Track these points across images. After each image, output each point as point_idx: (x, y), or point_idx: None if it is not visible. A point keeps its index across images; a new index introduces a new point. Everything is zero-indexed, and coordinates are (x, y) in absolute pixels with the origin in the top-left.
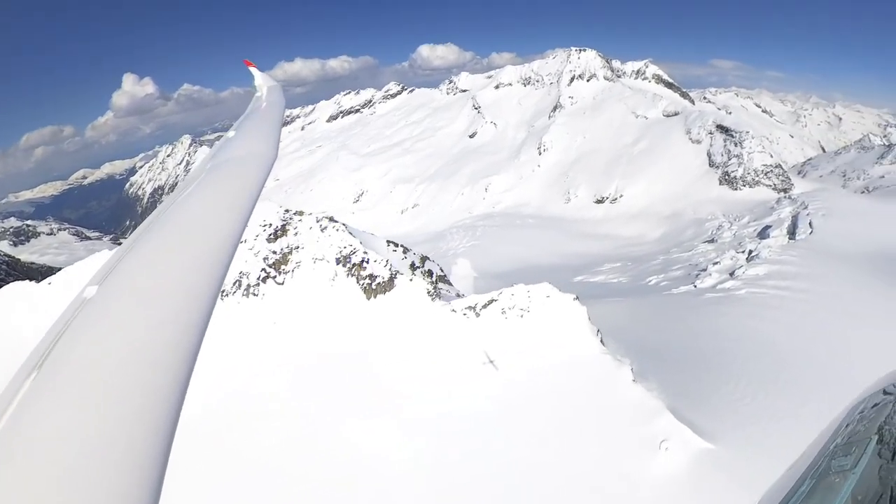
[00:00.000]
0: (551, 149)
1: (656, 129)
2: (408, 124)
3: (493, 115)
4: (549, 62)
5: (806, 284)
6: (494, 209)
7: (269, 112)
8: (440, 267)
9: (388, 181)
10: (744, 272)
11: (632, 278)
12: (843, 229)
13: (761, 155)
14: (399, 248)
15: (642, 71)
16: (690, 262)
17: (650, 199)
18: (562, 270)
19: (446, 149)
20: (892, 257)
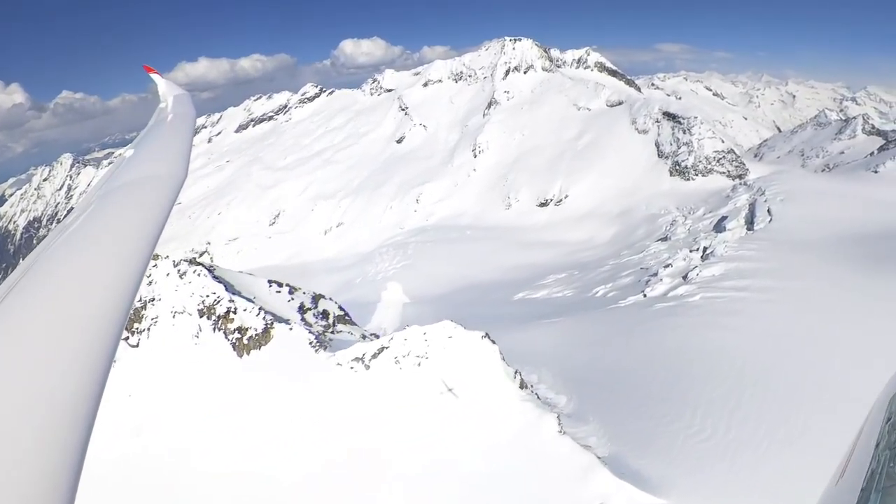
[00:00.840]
0: (487, 150)
1: (600, 121)
2: (328, 131)
3: (422, 116)
4: (482, 54)
5: (768, 281)
6: (428, 222)
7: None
8: (338, 306)
9: (307, 198)
10: (698, 274)
11: (578, 290)
12: (805, 213)
13: (712, 141)
14: (284, 288)
15: (584, 59)
16: (641, 266)
17: (598, 198)
18: (502, 287)
19: (372, 157)
20: (859, 239)
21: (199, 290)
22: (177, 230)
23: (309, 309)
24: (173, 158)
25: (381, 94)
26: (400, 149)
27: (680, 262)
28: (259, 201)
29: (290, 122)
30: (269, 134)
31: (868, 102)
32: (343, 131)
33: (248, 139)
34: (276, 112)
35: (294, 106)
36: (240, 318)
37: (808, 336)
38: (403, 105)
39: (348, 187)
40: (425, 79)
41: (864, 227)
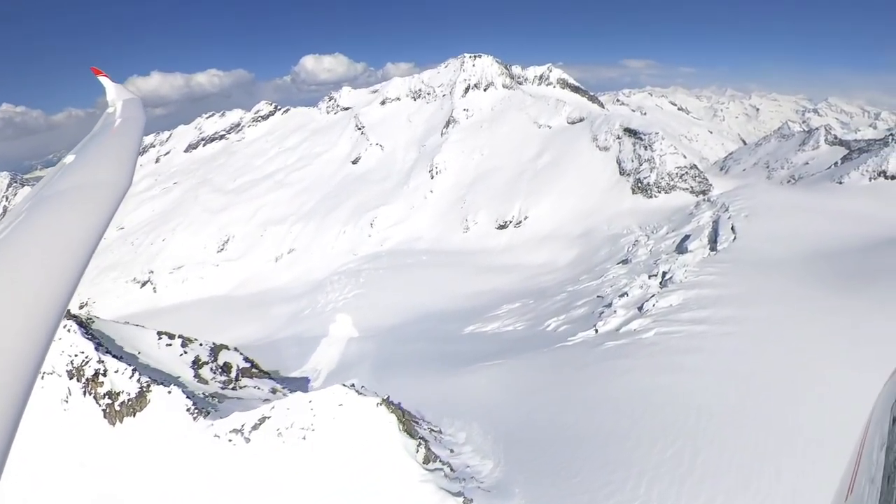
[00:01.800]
0: (445, 170)
1: (561, 139)
2: (281, 151)
3: (379, 135)
4: (442, 72)
5: (730, 310)
6: (382, 247)
7: (123, 131)
8: (244, 357)
9: (258, 223)
10: (654, 305)
11: (530, 323)
12: (771, 230)
13: (674, 157)
14: (176, 340)
15: (546, 76)
16: (598, 294)
17: (559, 219)
18: (455, 318)
19: (326, 179)
20: (827, 255)
21: (68, 349)
22: (118, 258)
23: (205, 363)
24: (117, 165)
25: (337, 112)
26: (355, 170)
27: (636, 291)
28: (207, 226)
29: (242, 141)
30: (220, 154)
31: (829, 114)
32: (297, 152)
33: (198, 159)
34: (229, 131)
35: (247, 124)
36: (110, 380)
37: (773, 373)
38: (360, 124)
39: (300, 211)
40: (383, 97)
41: (832, 242)
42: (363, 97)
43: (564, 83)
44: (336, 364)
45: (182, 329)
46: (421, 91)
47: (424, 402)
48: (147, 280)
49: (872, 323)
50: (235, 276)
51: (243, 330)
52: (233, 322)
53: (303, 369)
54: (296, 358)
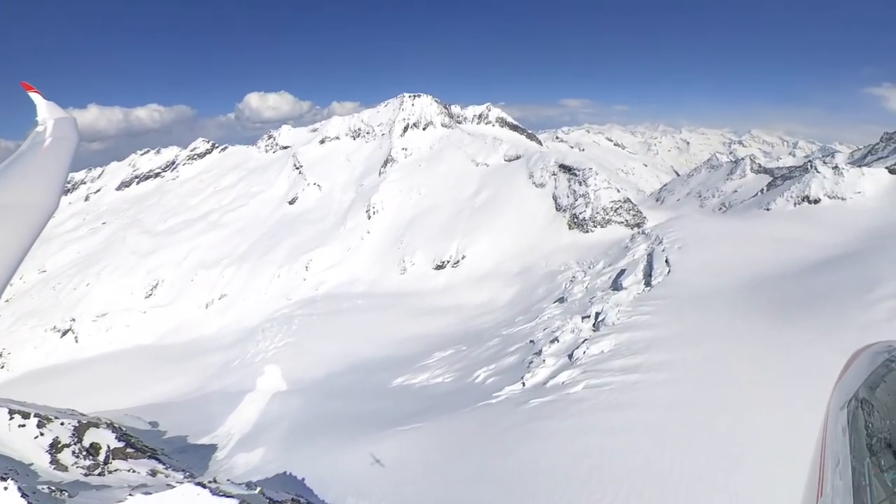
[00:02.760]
0: (382, 210)
1: (498, 176)
2: (217, 191)
3: (317, 175)
4: (381, 111)
5: (664, 354)
6: (318, 292)
7: (53, 151)
8: (118, 435)
9: (188, 266)
10: (584, 352)
11: (459, 374)
12: (705, 260)
13: (608, 191)
14: (32, 420)
15: (485, 115)
16: (530, 339)
17: (496, 257)
18: (388, 367)
19: (261, 220)
20: (760, 283)
21: None
22: (38, 304)
23: (66, 446)
24: (43, 186)
25: (276, 151)
26: (292, 210)
27: (568, 336)
28: (134, 270)
29: (177, 180)
30: (153, 193)
31: (753, 144)
32: (233, 191)
33: (130, 198)
34: (164, 169)
35: (182, 162)
36: None
37: (711, 428)
38: (298, 163)
39: (234, 254)
40: (322, 136)
41: (764, 269)
42: (302, 136)
43: (503, 122)
44: (252, 425)
45: (104, 383)
46: (360, 130)
47: (331, 475)
48: (68, 328)
49: (813, 356)
50: (164, 324)
51: (168, 384)
52: (158, 375)
53: (215, 434)
54: (216, 417)
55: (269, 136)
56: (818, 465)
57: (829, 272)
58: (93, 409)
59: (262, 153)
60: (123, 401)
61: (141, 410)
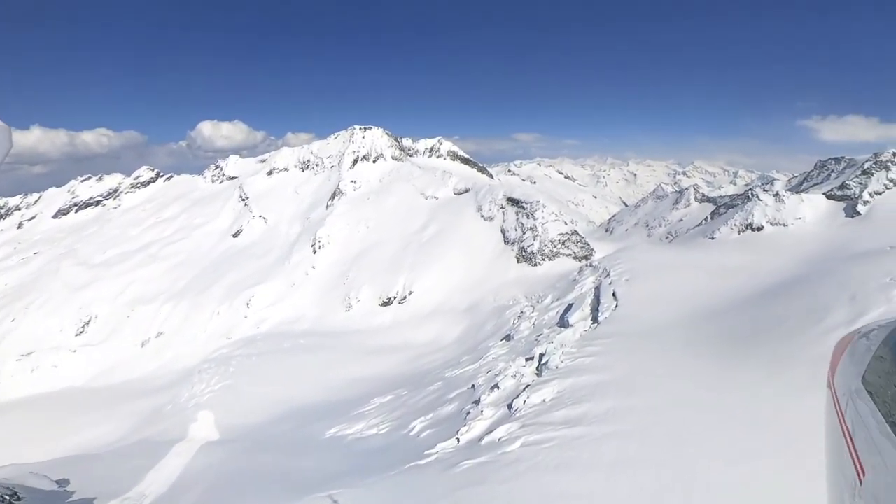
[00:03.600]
0: (328, 244)
1: (447, 210)
2: (159, 222)
3: (263, 207)
4: (332, 143)
5: (611, 402)
6: (259, 330)
7: None
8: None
9: (125, 302)
10: (525, 401)
11: (395, 424)
12: (653, 292)
13: (555, 223)
14: None
15: (436, 148)
16: (472, 384)
17: (445, 292)
18: (324, 414)
19: (204, 253)
20: (709, 315)
21: None
22: None
23: None
24: None
25: (223, 181)
26: (236, 244)
27: (509, 381)
28: (66, 305)
29: (118, 208)
30: (93, 222)
31: (696, 174)
32: (175, 222)
33: (67, 227)
34: (106, 196)
35: (125, 191)
36: None
37: (663, 492)
38: (244, 195)
39: (173, 289)
40: (271, 167)
41: (711, 299)
42: (251, 166)
43: (454, 155)
44: (171, 484)
45: (24, 431)
46: (310, 162)
47: None
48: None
49: (768, 398)
50: (95, 364)
51: (94, 432)
52: (85, 422)
53: (126, 496)
54: (135, 473)
55: (216, 166)
56: (847, 451)
57: (777, 302)
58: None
59: (208, 183)
60: (43, 451)
61: (56, 465)
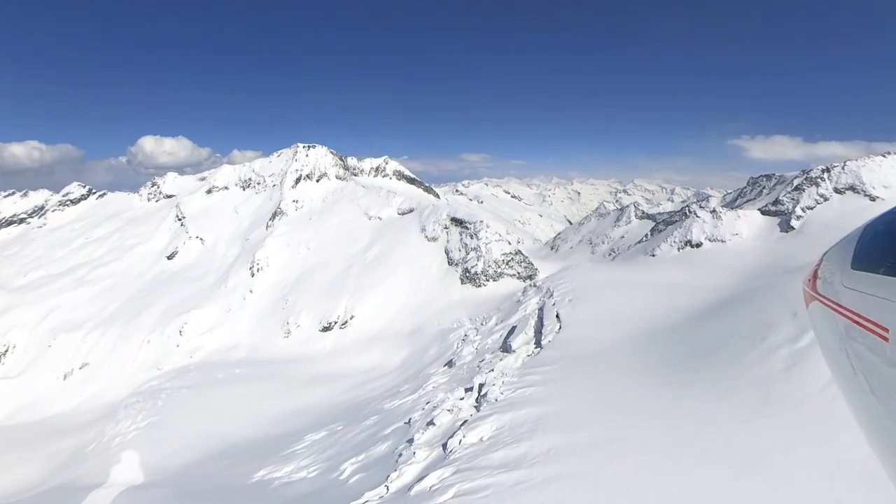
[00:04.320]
0: (267, 267)
1: (391, 230)
2: (89, 242)
3: (200, 227)
4: (274, 161)
5: (553, 438)
6: (192, 359)
7: None
8: None
9: (47, 329)
10: (461, 441)
11: (325, 466)
12: (596, 312)
13: (499, 243)
14: None
15: (382, 168)
16: (408, 418)
17: (388, 316)
18: (256, 453)
19: (136, 276)
20: (652, 335)
21: None
22: None
23: None
24: None
25: (159, 199)
26: (170, 266)
27: (445, 416)
28: None
29: (44, 227)
30: (15, 242)
31: (636, 192)
32: (107, 243)
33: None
34: (31, 214)
35: (53, 208)
36: None
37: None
38: (181, 214)
39: (101, 315)
40: (210, 185)
41: (655, 318)
42: (189, 184)
43: (400, 175)
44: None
45: None
46: (251, 180)
47: None
48: None
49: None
50: (12, 399)
51: (8, 477)
52: None
53: None
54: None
55: (152, 184)
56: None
57: (720, 320)
58: None
59: (143, 202)
60: None
61: None
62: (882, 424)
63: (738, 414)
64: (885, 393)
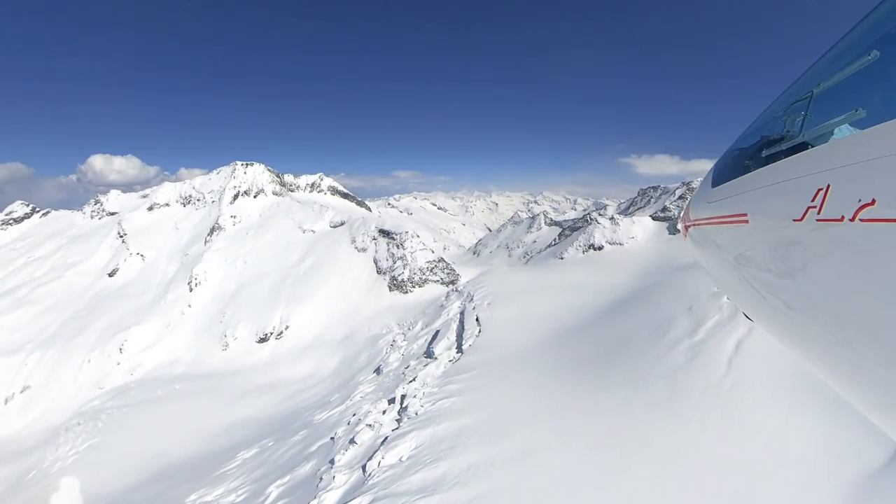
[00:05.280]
0: (205, 281)
1: (323, 243)
2: (31, 261)
3: (141, 244)
4: (214, 178)
5: (472, 455)
6: (133, 377)
7: None
8: None
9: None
10: (380, 462)
11: (252, 490)
12: (512, 313)
13: (423, 252)
14: None
15: (317, 184)
16: (334, 434)
17: (321, 325)
18: (193, 472)
19: (77, 295)
20: (561, 336)
21: None
22: None
23: None
24: None
25: (102, 217)
26: (111, 283)
27: (367, 434)
28: None
29: None
30: None
31: (545, 202)
32: (49, 262)
33: None
34: None
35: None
36: None
37: None
38: (122, 231)
39: (41, 336)
40: (152, 202)
41: (566, 317)
42: (132, 202)
43: (335, 190)
44: None
45: None
46: (191, 197)
47: None
48: None
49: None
50: None
51: None
52: None
53: None
54: None
55: (95, 201)
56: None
57: (624, 317)
58: None
59: (87, 219)
60: None
61: None
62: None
63: (649, 410)
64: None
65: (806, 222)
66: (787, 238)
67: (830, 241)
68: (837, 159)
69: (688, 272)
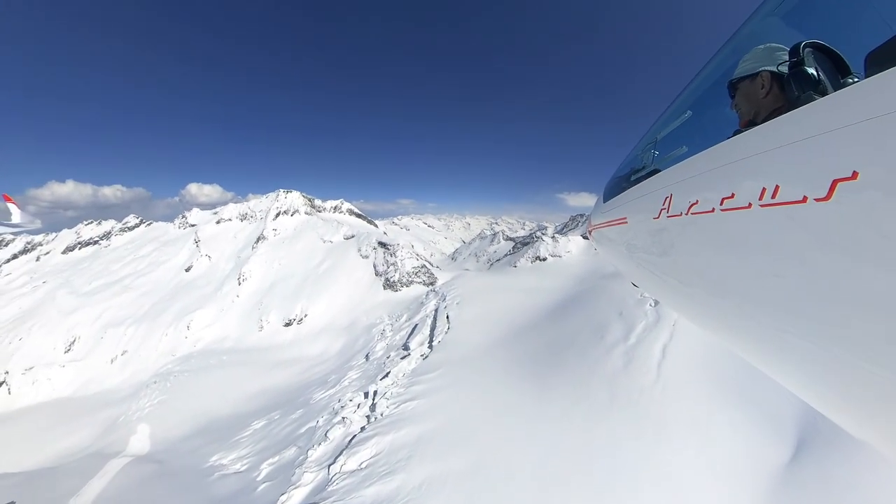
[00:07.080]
0: (250, 278)
1: (337, 251)
2: (135, 259)
3: (210, 248)
4: (263, 201)
5: (428, 467)
6: (195, 348)
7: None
8: None
9: (100, 325)
10: (342, 467)
11: (252, 462)
12: (477, 312)
13: (410, 259)
14: None
15: (339, 207)
16: (318, 420)
17: (331, 314)
18: (227, 429)
19: (163, 284)
20: (518, 332)
21: None
22: None
23: None
24: None
25: (186, 228)
26: (186, 277)
27: (338, 431)
28: (58, 327)
29: (108, 247)
30: (88, 258)
31: (503, 223)
32: (147, 259)
33: (71, 261)
34: (101, 237)
35: (115, 233)
36: None
37: None
38: (197, 238)
39: (137, 314)
40: (220, 217)
41: (518, 316)
42: (206, 217)
43: (351, 211)
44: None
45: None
46: (247, 214)
47: None
48: (2, 381)
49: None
50: (79, 377)
51: (69, 440)
52: (65, 431)
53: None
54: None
55: (182, 216)
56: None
57: (568, 319)
58: None
59: (176, 229)
60: (34, 460)
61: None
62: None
63: (592, 415)
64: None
65: (661, 219)
66: (651, 230)
67: (676, 229)
68: (675, 178)
69: (614, 280)
